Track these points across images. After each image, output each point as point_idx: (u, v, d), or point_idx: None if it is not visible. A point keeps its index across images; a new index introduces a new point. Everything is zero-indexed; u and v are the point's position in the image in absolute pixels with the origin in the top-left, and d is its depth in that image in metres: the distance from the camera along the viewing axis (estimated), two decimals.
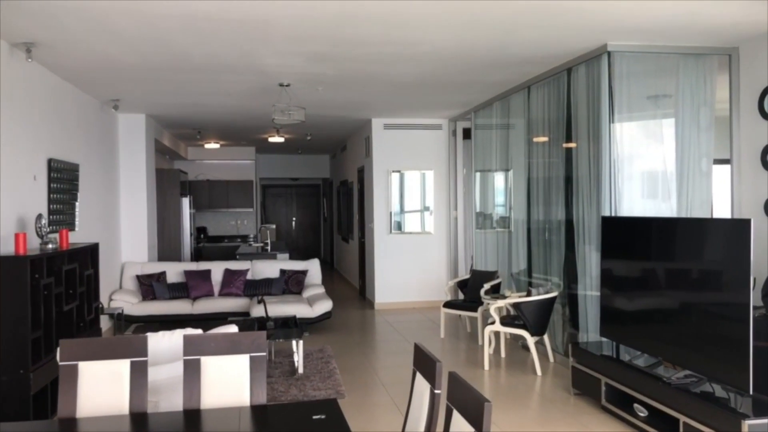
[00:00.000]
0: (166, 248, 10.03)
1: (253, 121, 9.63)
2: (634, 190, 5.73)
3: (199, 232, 14.13)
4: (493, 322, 6.18)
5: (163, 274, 8.62)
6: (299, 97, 7.13)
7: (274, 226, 16.95)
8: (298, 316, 7.70)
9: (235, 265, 8.90)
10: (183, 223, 10.20)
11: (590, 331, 5.84)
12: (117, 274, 8.56)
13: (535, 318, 5.99)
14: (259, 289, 8.60)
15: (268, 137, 11.77)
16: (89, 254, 5.83)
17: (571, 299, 6.39)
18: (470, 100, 8.22)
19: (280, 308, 7.72)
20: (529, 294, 6.09)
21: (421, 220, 9.97)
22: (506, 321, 6.24)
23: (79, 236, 6.79)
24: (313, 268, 9.00)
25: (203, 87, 6.97)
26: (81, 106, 7.05)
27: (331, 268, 15.92)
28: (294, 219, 18.30)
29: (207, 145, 12.89)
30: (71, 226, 6.60)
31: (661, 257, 4.65)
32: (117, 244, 8.66)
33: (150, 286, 8.39)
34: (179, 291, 8.45)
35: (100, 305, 6.14)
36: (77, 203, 6.74)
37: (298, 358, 5.78)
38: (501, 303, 6.23)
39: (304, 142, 13.19)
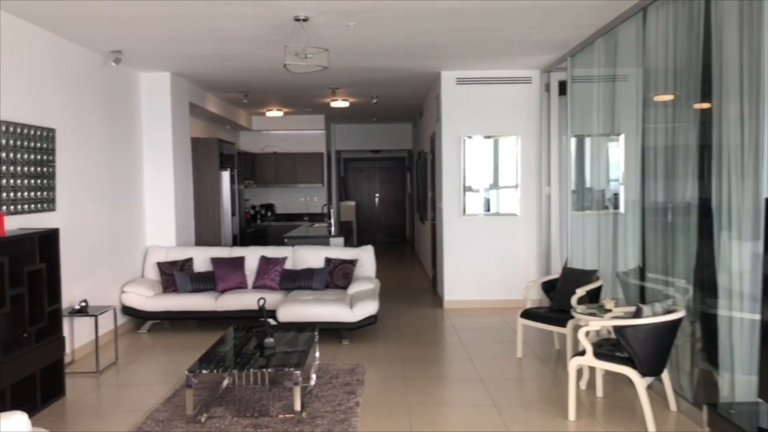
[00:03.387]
0: (203, 230, 8.74)
1: (295, 78, 8.02)
2: None
3: (267, 209, 12.92)
4: (583, 352, 4.23)
5: (189, 261, 7.29)
6: (323, 38, 5.41)
7: (353, 203, 15.53)
8: (334, 319, 6.11)
9: (272, 252, 7.40)
10: (223, 201, 8.84)
11: (737, 371, 3.79)
12: (139, 261, 7.33)
13: (648, 351, 3.97)
14: (298, 281, 7.06)
15: (330, 101, 10.17)
16: (36, 244, 4.47)
17: (705, 318, 4.31)
18: (566, 38, 6.13)
19: (312, 310, 6.13)
20: (638, 313, 4.07)
21: (502, 198, 7.99)
22: (604, 351, 4.26)
23: (60, 219, 5.51)
24: (365, 257, 7.33)
25: (204, 29, 5.43)
26: (61, 57, 5.72)
27: (413, 251, 14.22)
28: (377, 195, 16.74)
29: (269, 113, 11.50)
30: (47, 205, 5.31)
31: None
32: (140, 225, 7.42)
33: (171, 275, 7.09)
34: (205, 282, 7.09)
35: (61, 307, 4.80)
36: (55, 178, 5.45)
37: (297, 396, 4.13)
38: (596, 325, 4.25)
39: (379, 110, 11.49)
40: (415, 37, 5.91)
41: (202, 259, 7.35)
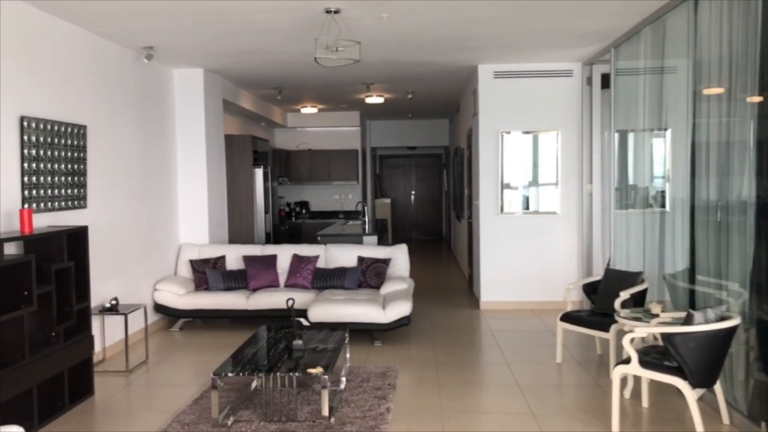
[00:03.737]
0: (237, 227, 8.68)
1: (328, 74, 7.89)
2: None
3: (301, 207, 12.86)
4: (627, 360, 3.97)
5: (221, 259, 7.22)
6: (355, 31, 5.24)
7: (388, 201, 15.37)
8: (366, 320, 5.95)
9: (304, 251, 7.29)
10: (256, 198, 8.75)
11: None
12: (172, 259, 7.30)
13: (699, 361, 3.70)
14: (330, 280, 6.92)
15: (365, 97, 10.02)
16: (64, 242, 4.42)
17: (762, 325, 4.01)
18: (609, 28, 5.84)
19: (343, 310, 5.98)
20: (689, 320, 3.80)
21: (542, 196, 7.71)
22: (651, 359, 4.00)
23: (91, 217, 5.48)
24: (398, 256, 7.15)
25: (235, 23, 5.33)
26: (92, 53, 5.68)
27: (449, 250, 13.98)
28: (413, 193, 16.54)
29: (303, 110, 11.44)
30: (78, 202, 5.29)
31: None
32: (173, 223, 7.39)
33: (203, 273, 7.03)
34: (237, 280, 7.01)
35: (88, 306, 4.75)
36: (86, 176, 5.42)
37: (324, 402, 3.97)
38: (642, 331, 3.98)
39: (415, 105, 11.29)
40: (451, 28, 5.70)
41: (234, 257, 7.28)
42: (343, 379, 4.83)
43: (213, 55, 6.77)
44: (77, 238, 4.65)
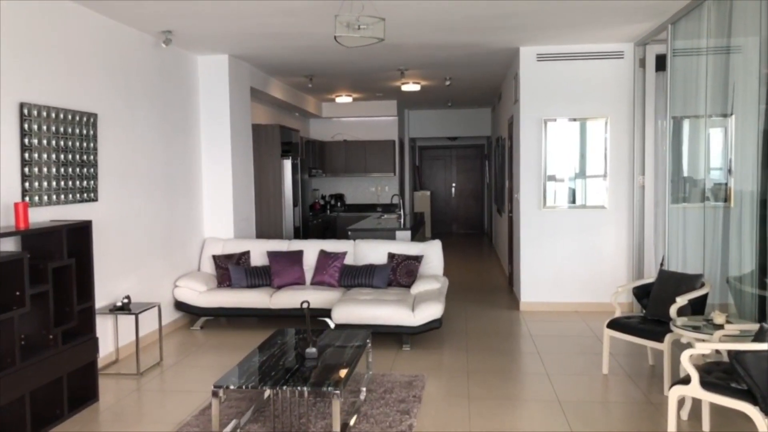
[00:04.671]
0: (264, 221, 8.34)
1: (358, 59, 7.45)
2: None
3: (336, 200, 12.50)
4: (686, 380, 3.42)
5: (245, 254, 6.89)
6: (381, 9, 4.78)
7: (427, 193, 14.87)
8: (393, 322, 5.52)
9: (332, 246, 6.89)
10: (285, 191, 8.38)
11: None
12: (195, 254, 7.01)
13: None
14: (358, 278, 6.51)
15: (401, 85, 9.55)
16: (64, 238, 4.11)
17: None
18: (666, 2, 5.22)
19: (369, 311, 5.56)
20: (762, 335, 3.22)
21: (589, 189, 7.10)
22: (715, 380, 3.43)
23: (101, 210, 5.20)
24: (431, 253, 6.67)
25: (255, 3, 4.93)
26: (106, 38, 5.38)
27: (490, 246, 13.41)
28: (453, 185, 15.99)
29: (338, 99, 11.03)
30: (88, 195, 5.00)
31: None
32: (197, 216, 7.10)
33: (226, 269, 6.71)
34: (261, 277, 6.66)
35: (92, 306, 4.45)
36: (97, 167, 5.13)
37: (336, 420, 3.54)
38: (704, 348, 3.42)
39: (455, 94, 10.76)
40: (489, 5, 5.18)
41: (259, 252, 6.93)
42: (364, 389, 4.41)
43: (236, 39, 6.41)
44: (80, 233, 4.35)
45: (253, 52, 7.13)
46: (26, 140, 4.31)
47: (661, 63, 6.57)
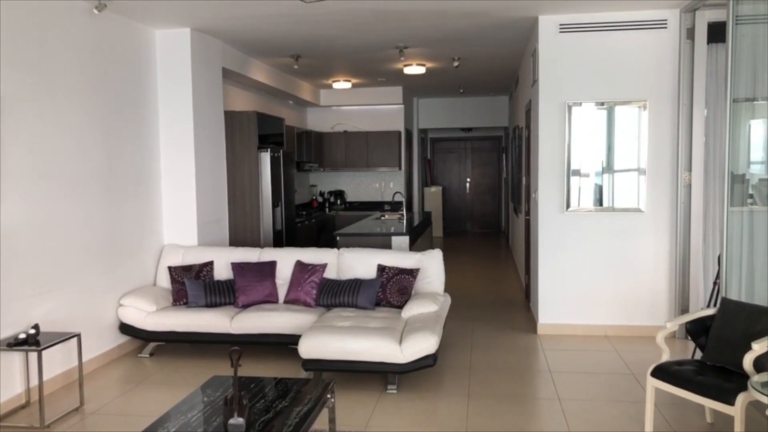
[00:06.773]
0: (239, 224, 7.20)
1: (345, 34, 6.28)
2: None
3: (336, 197, 11.35)
4: None
5: (208, 265, 5.78)
6: None
7: (439, 189, 13.67)
8: (376, 358, 4.38)
9: (310, 256, 5.75)
10: (262, 188, 7.24)
11: None
12: (152, 265, 5.92)
13: None
14: (341, 295, 5.36)
15: (403, 67, 8.36)
16: None
17: None
18: None
19: (345, 344, 4.40)
20: None
21: (621, 188, 5.85)
22: None
23: (6, 216, 4.10)
24: (430, 265, 5.50)
25: None
26: (17, 5, 4.27)
27: (507, 247, 12.17)
28: (468, 180, 14.76)
29: (336, 84, 9.87)
30: None
31: None
32: (154, 220, 6.00)
33: (182, 284, 5.61)
34: (223, 294, 5.55)
35: None
36: None
37: None
38: None
39: (466, 77, 9.54)
40: None
41: (225, 262, 5.82)
42: None
43: (198, 9, 5.28)
44: None
45: (222, 26, 6.00)
46: None
47: (715, 33, 5.31)
